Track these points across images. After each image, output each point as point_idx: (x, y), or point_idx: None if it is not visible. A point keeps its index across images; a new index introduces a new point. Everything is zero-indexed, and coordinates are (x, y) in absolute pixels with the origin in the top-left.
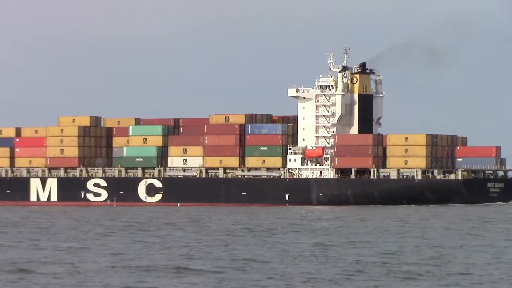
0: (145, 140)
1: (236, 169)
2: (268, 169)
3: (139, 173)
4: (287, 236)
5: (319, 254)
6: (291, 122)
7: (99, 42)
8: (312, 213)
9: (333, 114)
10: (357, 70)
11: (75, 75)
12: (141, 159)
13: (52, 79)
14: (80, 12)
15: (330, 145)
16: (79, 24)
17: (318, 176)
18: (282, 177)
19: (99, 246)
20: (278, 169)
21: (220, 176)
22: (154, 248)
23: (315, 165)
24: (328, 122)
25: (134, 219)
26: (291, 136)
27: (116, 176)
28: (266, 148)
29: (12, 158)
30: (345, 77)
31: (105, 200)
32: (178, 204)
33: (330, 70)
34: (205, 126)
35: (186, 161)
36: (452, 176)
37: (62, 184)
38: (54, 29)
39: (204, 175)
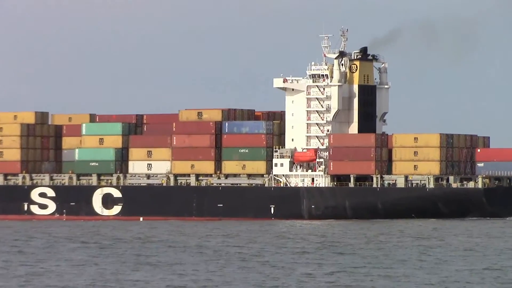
0: (101, 140)
1: (211, 175)
2: (249, 175)
3: (94, 180)
4: None
5: None
6: (277, 119)
7: (46, 26)
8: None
9: (328, 109)
10: (357, 56)
11: (18, 64)
12: (97, 164)
13: None
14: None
15: (324, 147)
16: (22, 10)
17: (309, 185)
18: (266, 185)
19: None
20: (262, 175)
21: (191, 184)
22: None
23: (306, 171)
24: (322, 119)
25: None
26: (278, 136)
27: (66, 184)
28: (247, 151)
29: None
30: (342, 64)
31: (53, 213)
32: (141, 218)
33: (325, 56)
34: (174, 123)
35: (150, 166)
36: (471, 184)
37: (1, 193)
38: None
39: (172, 183)
